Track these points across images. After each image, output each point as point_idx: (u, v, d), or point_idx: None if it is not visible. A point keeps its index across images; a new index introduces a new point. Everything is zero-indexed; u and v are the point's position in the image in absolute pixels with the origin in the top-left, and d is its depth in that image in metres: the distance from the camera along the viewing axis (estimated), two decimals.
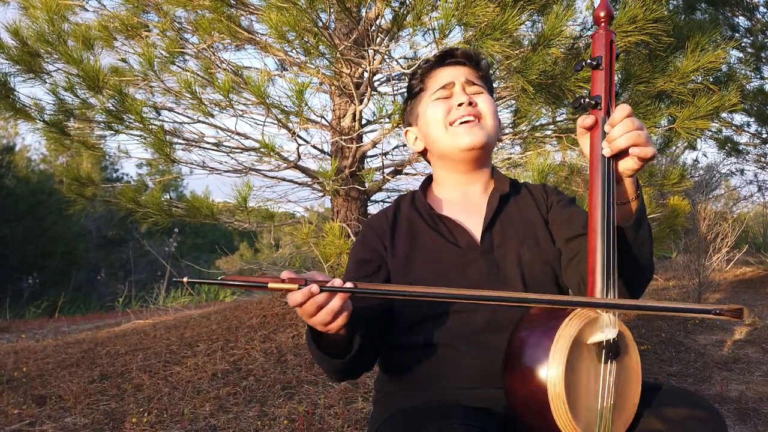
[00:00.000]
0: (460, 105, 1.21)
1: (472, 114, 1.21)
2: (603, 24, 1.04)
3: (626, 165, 0.97)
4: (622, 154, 0.96)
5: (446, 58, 1.28)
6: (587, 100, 1.01)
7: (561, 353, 0.87)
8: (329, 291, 0.90)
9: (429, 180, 1.34)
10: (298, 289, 0.89)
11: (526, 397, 0.90)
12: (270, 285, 0.88)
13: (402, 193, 1.91)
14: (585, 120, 1.01)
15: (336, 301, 0.90)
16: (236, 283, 0.88)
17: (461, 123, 1.21)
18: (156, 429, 2.25)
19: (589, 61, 1.04)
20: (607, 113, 1.00)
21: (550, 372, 0.87)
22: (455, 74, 1.25)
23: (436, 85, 1.26)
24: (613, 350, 0.90)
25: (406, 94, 1.36)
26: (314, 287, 0.88)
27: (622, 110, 0.95)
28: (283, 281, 0.89)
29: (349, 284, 0.90)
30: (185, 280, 0.90)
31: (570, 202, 1.24)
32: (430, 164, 1.35)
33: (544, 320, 0.94)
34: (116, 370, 3.02)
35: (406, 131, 1.35)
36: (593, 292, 0.95)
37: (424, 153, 1.33)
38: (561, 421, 0.86)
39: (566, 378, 0.86)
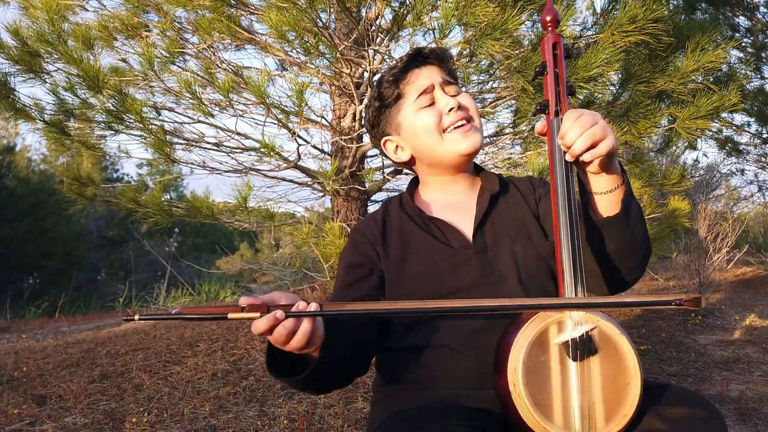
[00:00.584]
0: (450, 110, 1.20)
1: (464, 118, 1.20)
2: (550, 28, 1.06)
3: (592, 166, 1.00)
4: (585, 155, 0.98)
5: (415, 59, 1.24)
6: (538, 106, 1.05)
7: (518, 355, 0.91)
8: (295, 316, 0.85)
9: (415, 182, 1.33)
10: (261, 316, 0.83)
11: (504, 398, 0.93)
12: (230, 316, 0.82)
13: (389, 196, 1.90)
14: (536, 126, 1.06)
15: (306, 324, 0.86)
16: (193, 316, 0.83)
17: (455, 128, 1.20)
18: (156, 429, 2.25)
19: (537, 69, 1.07)
20: (556, 114, 1.03)
21: (510, 374, 0.91)
22: (431, 76, 1.23)
23: (415, 90, 1.21)
24: (584, 348, 0.90)
25: (375, 103, 1.27)
26: (279, 313, 0.84)
27: (567, 119, 0.98)
28: (243, 309, 0.83)
29: (313, 305, 0.86)
30: (136, 317, 0.83)
31: None
32: (413, 172, 1.33)
33: (523, 323, 0.95)
34: (116, 370, 3.02)
35: (385, 141, 1.28)
36: (561, 292, 0.96)
37: (409, 162, 1.29)
38: (529, 421, 0.89)
39: (527, 378, 0.89)
